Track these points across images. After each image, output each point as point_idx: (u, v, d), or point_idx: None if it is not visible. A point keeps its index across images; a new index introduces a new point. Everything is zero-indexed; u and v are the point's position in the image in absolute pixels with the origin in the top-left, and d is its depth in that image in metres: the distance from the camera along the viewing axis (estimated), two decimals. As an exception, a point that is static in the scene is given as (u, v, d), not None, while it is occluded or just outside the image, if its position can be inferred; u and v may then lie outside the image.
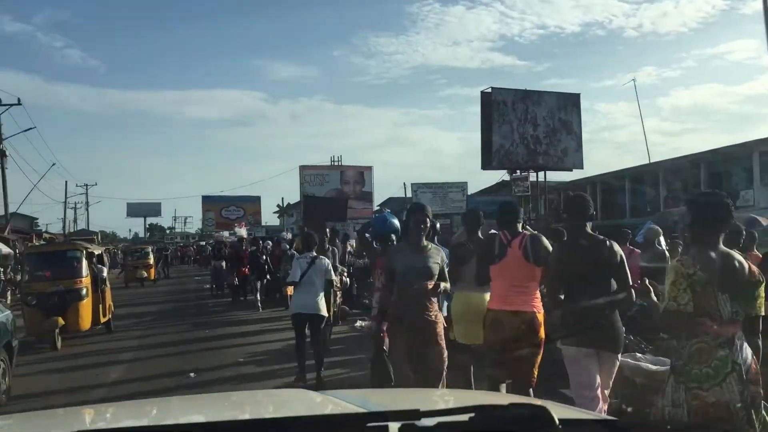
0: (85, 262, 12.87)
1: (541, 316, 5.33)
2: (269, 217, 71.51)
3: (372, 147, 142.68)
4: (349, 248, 15.04)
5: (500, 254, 5.40)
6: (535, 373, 5.31)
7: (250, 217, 68.61)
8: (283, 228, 56.51)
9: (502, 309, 5.33)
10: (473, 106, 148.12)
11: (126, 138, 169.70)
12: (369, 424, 1.34)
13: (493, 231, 5.83)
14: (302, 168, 50.94)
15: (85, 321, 12.51)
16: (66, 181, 66.00)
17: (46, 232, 59.27)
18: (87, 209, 70.90)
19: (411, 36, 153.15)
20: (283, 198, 52.52)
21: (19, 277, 18.80)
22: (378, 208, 56.38)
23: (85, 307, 12.52)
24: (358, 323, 12.93)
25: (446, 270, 5.48)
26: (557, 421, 1.35)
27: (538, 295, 5.43)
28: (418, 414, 1.32)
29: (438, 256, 5.36)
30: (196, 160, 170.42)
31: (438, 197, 33.34)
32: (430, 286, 5.23)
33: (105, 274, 14.02)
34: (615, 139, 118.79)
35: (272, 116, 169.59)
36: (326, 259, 8.64)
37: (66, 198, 55.91)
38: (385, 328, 5.94)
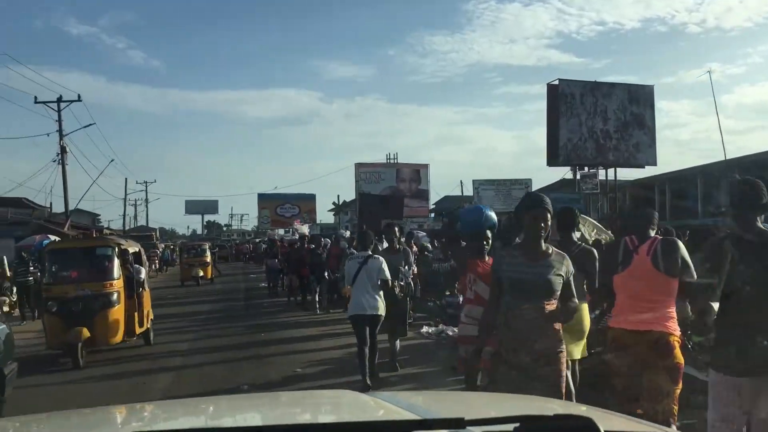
0: (117, 262, 10.70)
1: (675, 338, 4.39)
2: (324, 215, 71.17)
3: (426, 146, 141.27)
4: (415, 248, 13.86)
5: (624, 262, 4.56)
6: (675, 407, 4.34)
7: (305, 215, 68.35)
8: (338, 226, 55.87)
9: (625, 328, 4.47)
10: (529, 104, 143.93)
11: (185, 137, 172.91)
12: None
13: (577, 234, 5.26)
14: (358, 166, 50.16)
15: (116, 332, 10.35)
16: (126, 178, 66.87)
17: (107, 228, 60.10)
18: (146, 206, 71.64)
19: (466, 34, 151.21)
20: (338, 195, 51.58)
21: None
22: (433, 206, 55.43)
23: (116, 315, 10.36)
24: (425, 329, 11.88)
25: (573, 283, 4.08)
26: None
27: (673, 312, 4.42)
28: (462, 422, 1.29)
29: (563, 266, 3.98)
30: (253, 158, 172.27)
31: (500, 194, 31.84)
32: (550, 308, 3.92)
33: (143, 275, 11.93)
34: (677, 137, 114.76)
35: (327, 115, 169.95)
36: (380, 258, 8.09)
37: (126, 194, 56.41)
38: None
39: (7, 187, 43.80)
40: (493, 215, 5.90)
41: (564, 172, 29.85)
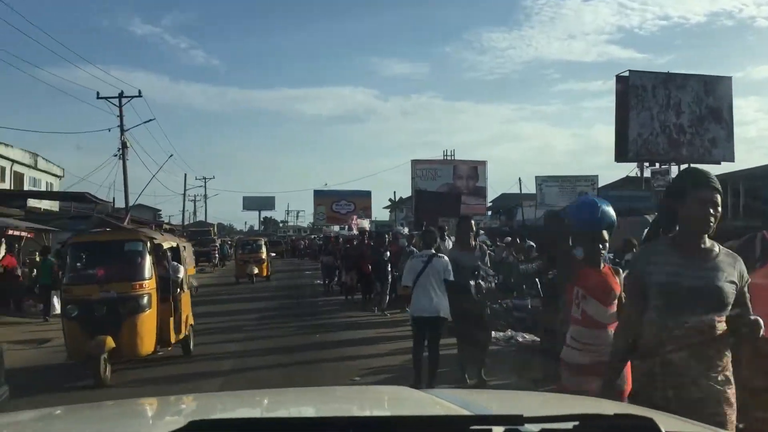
0: (149, 259, 9.04)
1: None
2: (379, 212, 70.58)
3: (482, 143, 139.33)
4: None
5: (763, 260, 4.08)
6: None
7: (361, 211, 67.79)
8: (394, 223, 55.14)
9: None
10: (588, 101, 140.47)
11: (243, 134, 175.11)
12: (472, 427, 1.26)
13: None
14: (414, 162, 49.32)
15: (146, 342, 8.75)
16: (185, 174, 67.81)
17: (168, 223, 60.91)
18: (205, 201, 72.44)
19: (525, 30, 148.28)
20: (395, 192, 50.82)
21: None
22: (491, 204, 54.09)
23: (146, 322, 8.74)
24: (493, 334, 10.92)
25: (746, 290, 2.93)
26: None
27: None
28: (521, 419, 1.27)
29: (735, 268, 2.89)
30: (310, 155, 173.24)
31: (565, 191, 30.46)
32: (721, 324, 2.83)
33: (182, 274, 10.19)
34: (744, 135, 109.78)
35: (383, 112, 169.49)
36: (445, 258, 7.63)
37: (185, 190, 56.90)
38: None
39: (69, 182, 44.39)
40: (611, 211, 4.67)
41: (630, 169, 28.34)
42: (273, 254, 48.30)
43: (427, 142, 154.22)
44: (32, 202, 35.09)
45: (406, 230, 18.96)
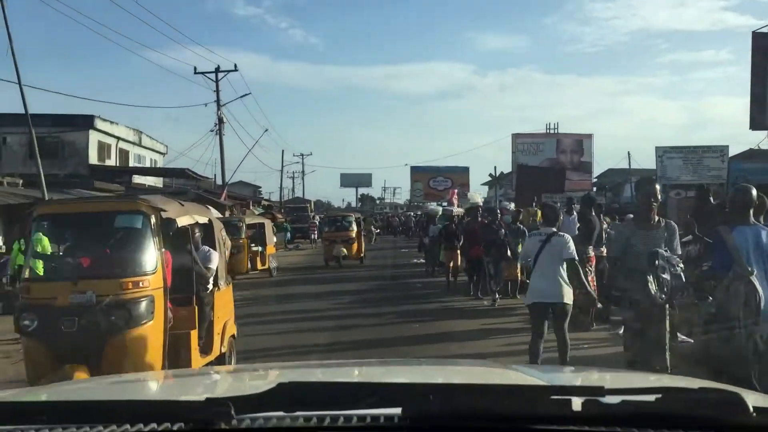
0: (154, 242, 5.74)
1: None
2: (477, 189, 68.39)
3: (584, 118, 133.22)
4: (605, 225, 10.78)
5: None
6: None
7: (458, 188, 65.82)
8: (493, 200, 52.93)
9: None
10: (699, 71, 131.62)
11: (340, 112, 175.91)
12: (552, 397, 1.28)
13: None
14: (515, 136, 46.92)
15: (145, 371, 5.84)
16: (282, 150, 68.08)
17: (267, 199, 61.32)
18: (303, 178, 72.67)
19: None
20: (495, 167, 48.59)
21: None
22: (596, 180, 50.88)
23: (146, 341, 5.54)
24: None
25: None
26: (752, 409, 1.23)
27: None
28: (602, 390, 1.27)
29: None
30: (405, 132, 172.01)
31: (689, 164, 27.41)
32: None
33: (215, 264, 6.87)
34: None
35: (481, 88, 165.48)
36: (566, 236, 6.82)
37: (282, 166, 56.87)
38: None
39: (173, 159, 44.99)
40: None
41: (760, 140, 24.93)
42: (377, 231, 46.96)
43: (525, 118, 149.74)
44: (138, 179, 35.60)
45: (512, 206, 17.00)
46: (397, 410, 1.25)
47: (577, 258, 6.77)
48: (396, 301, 13.16)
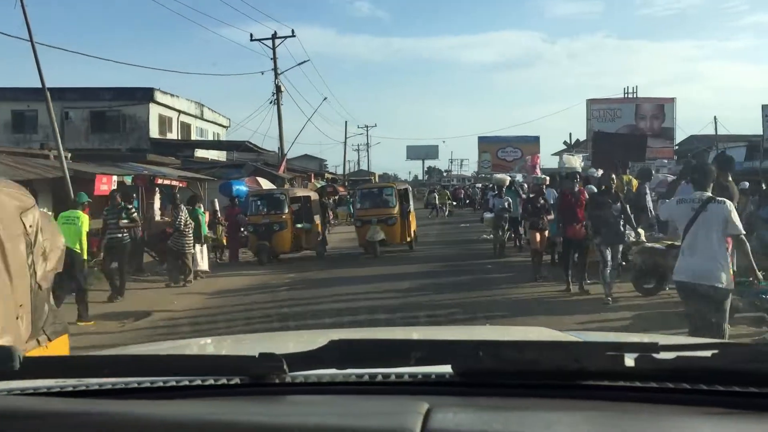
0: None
1: None
2: (546, 160, 65.21)
3: (658, 84, 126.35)
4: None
5: None
6: None
7: (528, 158, 63.03)
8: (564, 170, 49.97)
9: None
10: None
11: (406, 84, 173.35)
12: (607, 353, 1.23)
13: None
14: (590, 102, 43.67)
15: None
16: (346, 122, 66.57)
17: (330, 173, 60.07)
18: (367, 150, 70.98)
19: None
20: (570, 134, 45.58)
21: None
22: (676, 147, 47.15)
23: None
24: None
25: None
26: None
27: None
28: (656, 347, 1.22)
29: None
30: (473, 103, 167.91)
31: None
32: None
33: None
34: None
35: (549, 56, 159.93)
36: (727, 203, 5.63)
37: (346, 138, 55.18)
38: None
39: (235, 133, 43.87)
40: None
41: None
42: (453, 203, 44.53)
43: (597, 86, 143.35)
44: (201, 153, 34.64)
45: (599, 173, 14.32)
46: (447, 367, 1.25)
47: (744, 233, 5.69)
48: (461, 288, 11.04)
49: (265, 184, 21.88)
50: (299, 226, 15.78)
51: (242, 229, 16.18)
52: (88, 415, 1.05)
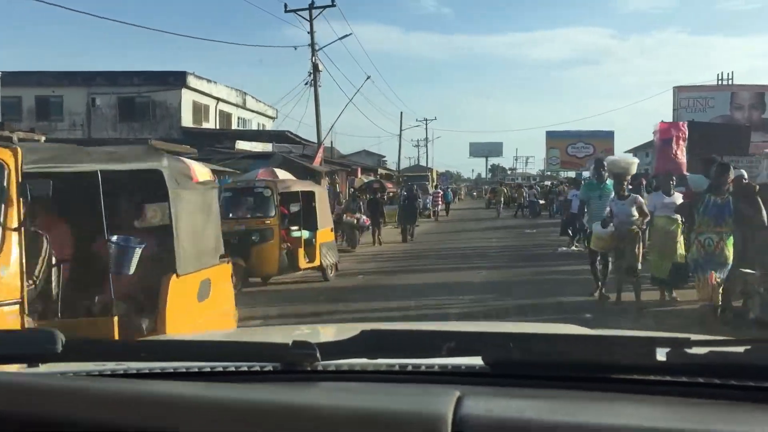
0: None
1: None
2: (621, 156, 58.74)
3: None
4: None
5: None
6: None
7: (601, 154, 56.82)
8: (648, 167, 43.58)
9: None
10: None
11: (470, 81, 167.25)
12: (639, 347, 1.20)
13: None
14: (678, 90, 37.31)
15: None
16: (401, 112, 61.84)
17: (387, 168, 55.45)
18: (426, 144, 65.85)
19: None
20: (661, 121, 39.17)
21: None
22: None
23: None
24: None
25: None
26: None
27: None
28: (688, 342, 1.17)
29: None
30: (540, 101, 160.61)
31: None
32: None
33: None
34: None
35: (619, 53, 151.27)
36: None
37: (401, 130, 50.10)
38: None
39: (282, 124, 39.27)
40: None
41: None
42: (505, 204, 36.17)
43: (666, 83, 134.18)
44: (244, 145, 30.52)
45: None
46: (478, 359, 1.23)
47: None
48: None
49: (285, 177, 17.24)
50: (295, 234, 10.69)
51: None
52: (131, 394, 1.05)
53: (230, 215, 10.24)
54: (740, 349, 1.14)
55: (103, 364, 1.33)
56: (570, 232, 14.53)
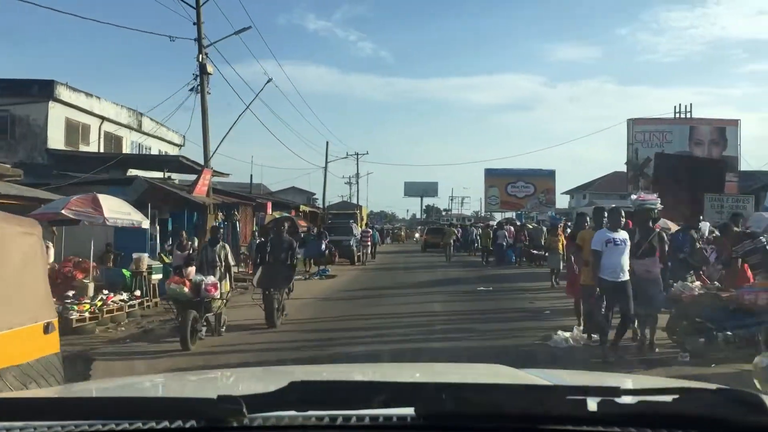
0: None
1: None
2: (558, 199, 54.83)
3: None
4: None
5: None
6: None
7: (541, 195, 52.64)
8: (573, 211, 39.19)
9: None
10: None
11: (409, 122, 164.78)
12: (568, 397, 1.18)
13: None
14: (632, 122, 33.12)
15: None
16: (327, 142, 56.34)
17: (312, 205, 49.37)
18: (357, 180, 60.15)
19: (709, 8, 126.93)
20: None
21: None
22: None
23: None
24: None
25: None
26: None
27: None
28: (617, 391, 1.17)
29: None
30: (475, 144, 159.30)
31: None
32: None
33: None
34: None
35: (550, 99, 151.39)
36: None
37: (326, 162, 44.13)
38: None
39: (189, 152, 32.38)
40: None
41: None
42: (454, 239, 29.32)
43: (596, 129, 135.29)
44: (142, 173, 23.70)
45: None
46: (410, 410, 1.18)
47: None
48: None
49: (113, 206, 11.01)
50: None
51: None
52: None
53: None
54: (669, 398, 1.13)
55: (12, 424, 1.21)
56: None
